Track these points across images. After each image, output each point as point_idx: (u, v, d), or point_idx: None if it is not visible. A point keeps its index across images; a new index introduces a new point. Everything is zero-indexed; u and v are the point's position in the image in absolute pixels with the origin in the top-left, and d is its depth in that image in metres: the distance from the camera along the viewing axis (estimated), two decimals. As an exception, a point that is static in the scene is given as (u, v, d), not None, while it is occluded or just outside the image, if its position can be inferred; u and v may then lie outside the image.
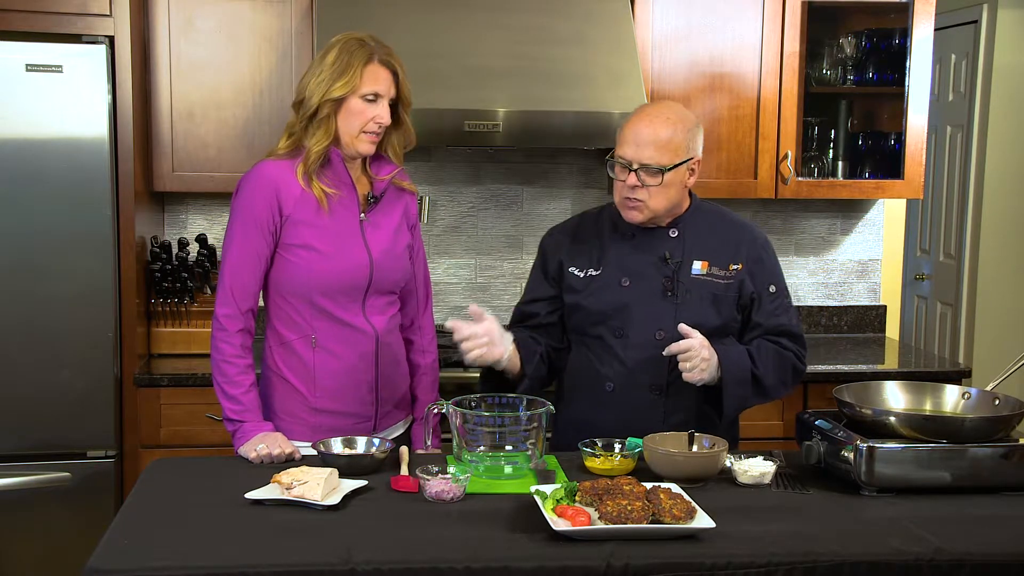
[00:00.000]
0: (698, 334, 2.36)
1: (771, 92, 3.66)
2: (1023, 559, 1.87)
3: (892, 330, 4.18)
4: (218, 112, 3.45)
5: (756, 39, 3.65)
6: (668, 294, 2.46)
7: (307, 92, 2.39)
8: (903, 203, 4.18)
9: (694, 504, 1.95)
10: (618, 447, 2.29)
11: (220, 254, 3.56)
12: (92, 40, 3.14)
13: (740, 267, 2.50)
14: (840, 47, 3.81)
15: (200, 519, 1.96)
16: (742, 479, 2.21)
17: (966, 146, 5.38)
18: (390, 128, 2.46)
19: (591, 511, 1.93)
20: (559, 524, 1.87)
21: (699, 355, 2.35)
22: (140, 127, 3.31)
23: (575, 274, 2.51)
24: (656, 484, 2.04)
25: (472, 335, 2.36)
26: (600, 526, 1.87)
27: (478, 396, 2.31)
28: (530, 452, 2.22)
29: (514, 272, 3.93)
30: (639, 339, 2.45)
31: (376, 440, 2.34)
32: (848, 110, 3.89)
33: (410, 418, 2.66)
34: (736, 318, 2.51)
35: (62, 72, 3.07)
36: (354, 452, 2.31)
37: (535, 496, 1.97)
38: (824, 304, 4.13)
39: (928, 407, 2.39)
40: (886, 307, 4.16)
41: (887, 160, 3.81)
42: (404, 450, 2.35)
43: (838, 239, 4.12)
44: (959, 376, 3.55)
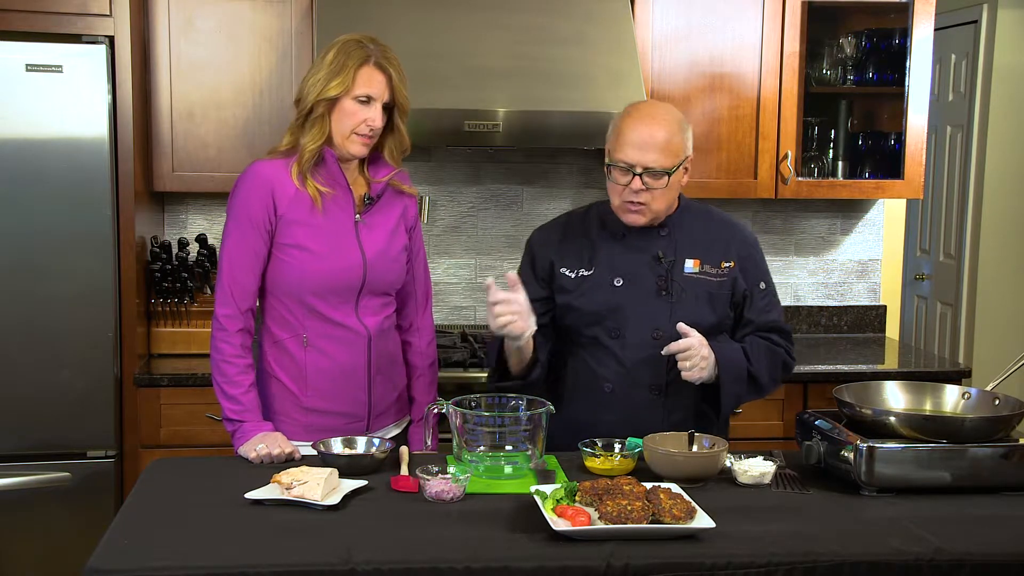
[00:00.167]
0: (696, 333, 2.36)
1: (771, 92, 3.66)
2: (1023, 559, 1.87)
3: (892, 330, 4.18)
4: (218, 112, 3.45)
5: (756, 39, 3.65)
6: (663, 293, 2.46)
7: (304, 90, 2.41)
8: (903, 203, 4.18)
9: (694, 504, 1.95)
10: (618, 447, 2.29)
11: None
12: (92, 40, 3.14)
13: (732, 265, 2.50)
14: (840, 47, 3.81)
15: (200, 519, 1.96)
16: (742, 479, 2.21)
17: (966, 146, 5.39)
18: (385, 132, 2.46)
19: (591, 511, 1.93)
20: (559, 524, 1.87)
21: (699, 354, 2.35)
22: (140, 127, 3.31)
23: (566, 274, 2.50)
24: (656, 484, 2.04)
25: (507, 300, 2.31)
26: (600, 526, 1.87)
27: (478, 396, 2.31)
28: (530, 452, 2.22)
29: (514, 272, 3.92)
30: (636, 339, 2.45)
31: (376, 440, 2.34)
32: (848, 110, 3.89)
33: (407, 419, 2.66)
34: (729, 316, 2.52)
35: (62, 72, 3.07)
36: (354, 452, 2.31)
37: (535, 496, 1.97)
38: (824, 304, 4.13)
39: (928, 407, 2.39)
40: (886, 307, 4.16)
41: (887, 160, 3.81)
42: (404, 450, 2.35)
43: (838, 239, 4.12)
44: (959, 376, 3.55)
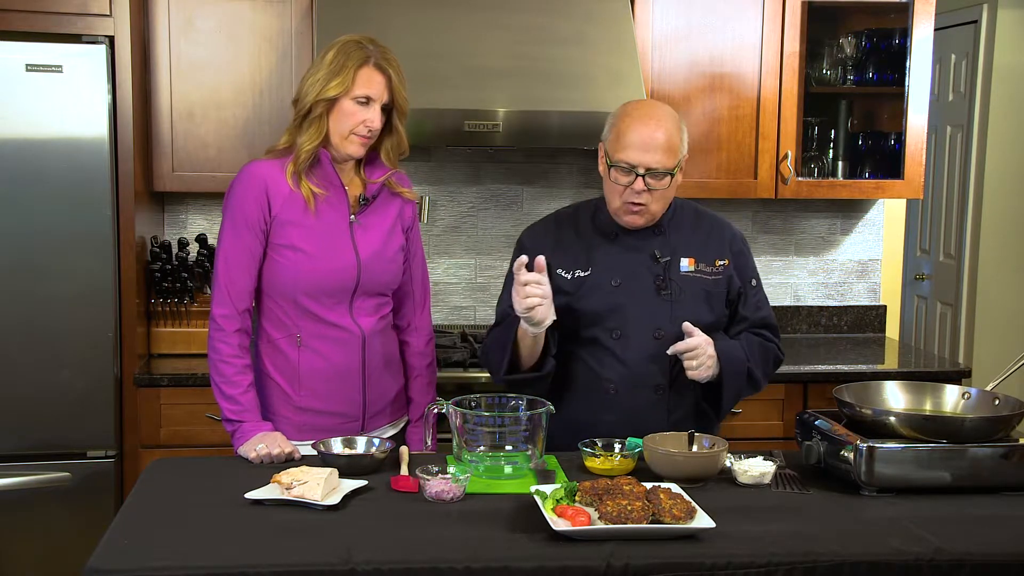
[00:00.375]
0: (701, 332, 2.37)
1: (771, 92, 3.66)
2: (1023, 559, 1.87)
3: (892, 330, 4.18)
4: (218, 112, 3.45)
5: (756, 39, 3.65)
6: (663, 292, 2.46)
7: (303, 90, 2.41)
8: (903, 203, 4.18)
9: (694, 504, 1.95)
10: (618, 447, 2.29)
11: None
12: (92, 40, 3.14)
13: (727, 263, 2.51)
14: (840, 47, 3.81)
15: (200, 519, 1.96)
16: (742, 479, 2.21)
17: (966, 146, 5.39)
18: (383, 134, 2.46)
19: (591, 511, 1.93)
20: (559, 524, 1.87)
21: (705, 353, 2.37)
22: (140, 127, 3.31)
23: (563, 276, 2.48)
24: (656, 484, 2.04)
25: (537, 281, 2.28)
26: (600, 526, 1.87)
27: (478, 396, 2.31)
28: (530, 452, 2.22)
29: (514, 272, 3.92)
30: (638, 340, 2.45)
31: (376, 440, 2.34)
32: (848, 110, 3.89)
33: (404, 419, 2.66)
34: (725, 313, 2.53)
35: (62, 72, 3.06)
36: (354, 452, 2.31)
37: (535, 496, 1.97)
38: (824, 304, 4.13)
39: (928, 407, 2.39)
40: (886, 307, 4.16)
41: (887, 160, 3.81)
42: (404, 450, 2.35)
43: (838, 239, 4.12)
44: (959, 376, 3.55)
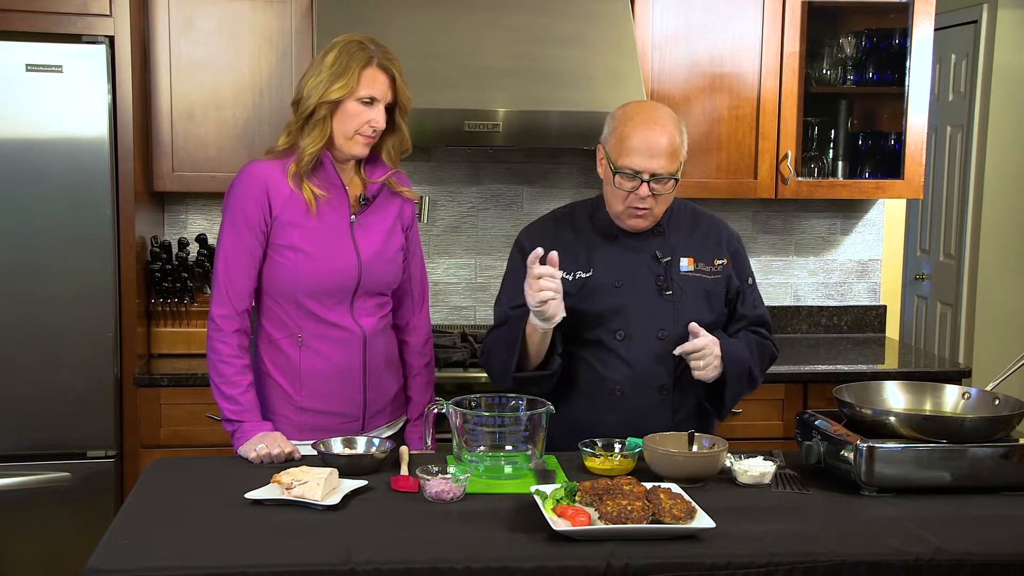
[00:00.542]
0: (706, 332, 2.37)
1: (771, 92, 3.66)
2: (1023, 559, 1.87)
3: (892, 330, 4.18)
4: (218, 112, 3.45)
5: (756, 39, 3.65)
6: (666, 293, 2.46)
7: (304, 92, 2.40)
8: (903, 203, 4.18)
9: (694, 504, 1.95)
10: (618, 447, 2.29)
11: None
12: (92, 40, 3.14)
13: (725, 262, 2.52)
14: (840, 47, 3.81)
15: (200, 519, 1.96)
16: (742, 479, 2.21)
17: (966, 146, 5.39)
18: (386, 133, 2.46)
19: (591, 511, 1.93)
20: (559, 524, 1.87)
21: (712, 353, 2.37)
22: (140, 127, 3.31)
23: (564, 278, 2.45)
24: (656, 484, 2.04)
25: (551, 275, 2.28)
26: (600, 526, 1.87)
27: (478, 396, 2.31)
28: (530, 452, 2.22)
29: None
30: (643, 341, 2.44)
31: (376, 440, 2.34)
32: (848, 110, 3.89)
33: (402, 419, 2.66)
34: (724, 312, 2.53)
35: (62, 72, 3.07)
36: (354, 452, 2.31)
37: (535, 496, 1.97)
38: (824, 304, 4.13)
39: (928, 407, 2.39)
40: (886, 307, 4.16)
41: (887, 160, 3.81)
42: (404, 450, 2.35)
43: (838, 239, 4.12)
44: (959, 376, 3.55)
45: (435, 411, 2.34)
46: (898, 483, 2.14)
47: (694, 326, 2.38)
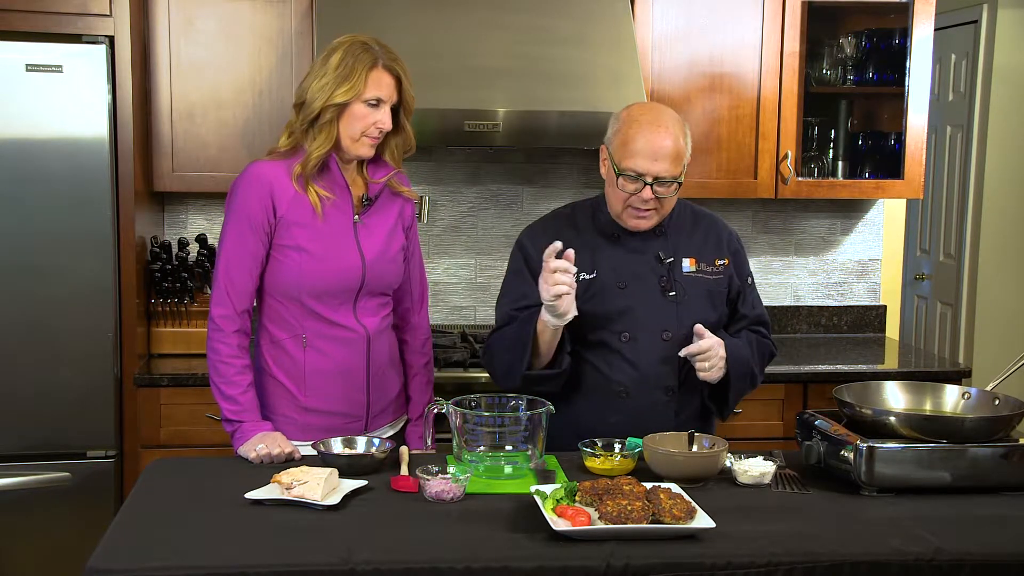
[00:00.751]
0: (711, 334, 2.38)
1: (771, 92, 3.66)
2: (1023, 559, 1.87)
3: (892, 330, 4.18)
4: (218, 112, 3.45)
5: (756, 39, 3.65)
6: (670, 294, 2.46)
7: (309, 95, 2.38)
8: (903, 203, 4.18)
9: (694, 504, 1.95)
10: (618, 447, 2.29)
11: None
12: (92, 40, 3.14)
13: (727, 262, 2.52)
14: (840, 47, 3.81)
15: (200, 519, 1.96)
16: (742, 479, 2.21)
17: (966, 146, 5.38)
18: (390, 132, 2.45)
19: (591, 511, 1.93)
20: (559, 524, 1.87)
21: (717, 354, 2.38)
22: (140, 127, 3.31)
23: None
24: (656, 484, 2.04)
25: (567, 269, 2.27)
26: (600, 526, 1.87)
27: (478, 396, 2.31)
28: (530, 452, 2.22)
29: (514, 272, 3.93)
30: (648, 342, 2.44)
31: (376, 440, 2.34)
32: (848, 110, 3.89)
33: (404, 418, 2.66)
34: (726, 312, 2.54)
35: (62, 72, 3.06)
36: (354, 452, 2.31)
37: (535, 496, 1.97)
38: (824, 304, 4.13)
39: (928, 407, 2.39)
40: (886, 307, 4.16)
41: (887, 160, 3.81)
42: (404, 450, 2.35)
43: (838, 239, 4.12)
44: (959, 376, 3.55)
45: (435, 411, 2.34)
46: (898, 483, 2.14)
47: (699, 328, 2.38)
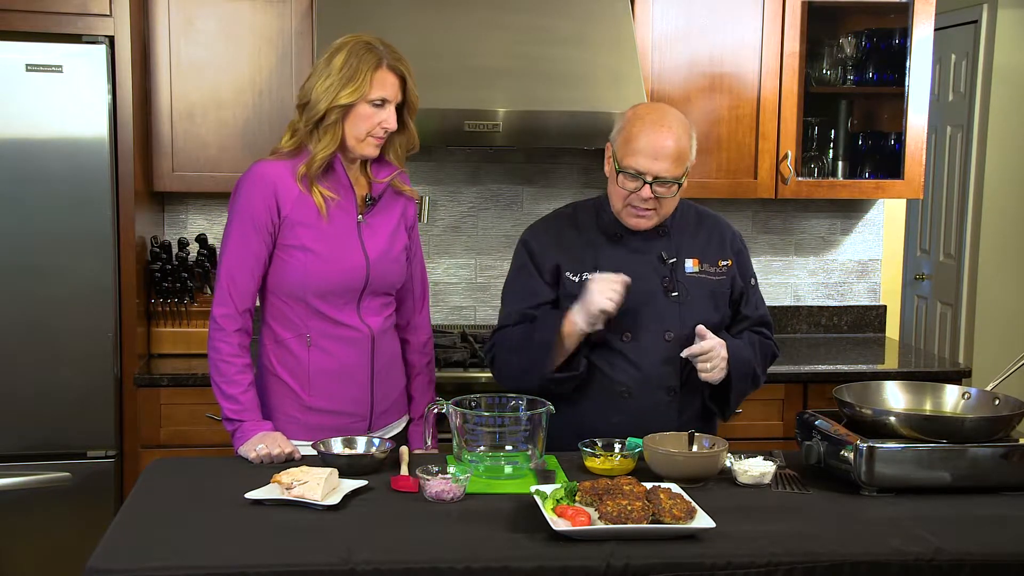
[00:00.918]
0: (712, 335, 2.38)
1: (771, 92, 3.66)
2: (1023, 559, 1.87)
3: (892, 330, 4.18)
4: (218, 112, 3.45)
5: (756, 39, 3.65)
6: (672, 294, 2.46)
7: (313, 96, 2.37)
8: (903, 203, 4.18)
9: (694, 504, 1.95)
10: (618, 447, 2.29)
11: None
12: (92, 40, 3.14)
13: (730, 263, 2.52)
14: (840, 47, 3.81)
15: (200, 519, 1.96)
16: (742, 479, 2.21)
17: (966, 146, 5.39)
18: (394, 132, 2.45)
19: (591, 511, 1.93)
20: (559, 524, 1.87)
21: (719, 355, 2.38)
22: (140, 127, 3.31)
23: (570, 278, 2.48)
24: (656, 484, 2.04)
25: (620, 284, 2.33)
26: (600, 526, 1.87)
27: (478, 396, 2.31)
28: (530, 452, 2.22)
29: (514, 272, 3.93)
30: (650, 342, 2.44)
31: (376, 440, 2.34)
32: (848, 110, 3.89)
33: (406, 418, 2.66)
34: (728, 313, 2.54)
35: (62, 72, 3.06)
36: (354, 452, 2.31)
37: (535, 496, 1.97)
38: (824, 304, 4.13)
39: (928, 407, 2.39)
40: (886, 307, 4.16)
41: (887, 160, 3.81)
42: (404, 450, 2.35)
43: (838, 239, 4.12)
44: (959, 376, 3.55)
45: (435, 411, 2.34)
46: (898, 483, 2.14)
47: (701, 328, 2.38)
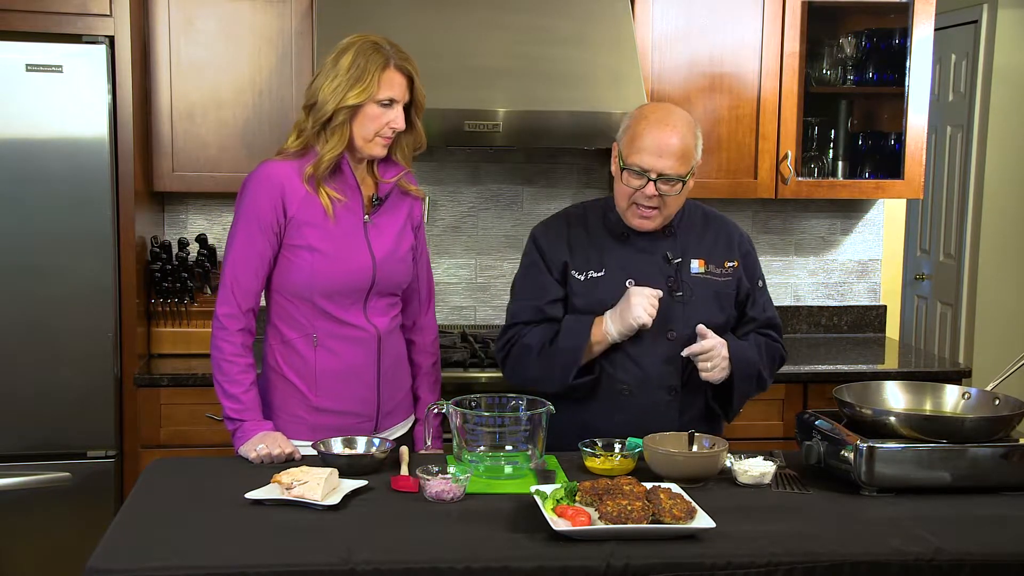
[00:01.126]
0: (714, 334, 2.38)
1: (771, 92, 3.66)
2: (1023, 559, 1.87)
3: (892, 330, 4.18)
4: (218, 112, 3.45)
5: (756, 39, 3.64)
6: (677, 294, 2.46)
7: (321, 97, 2.36)
8: (903, 203, 4.18)
9: (694, 504, 1.95)
10: (618, 447, 2.29)
11: (220, 254, 3.57)
12: (92, 40, 3.14)
13: (736, 264, 2.52)
14: (840, 47, 3.81)
15: (200, 519, 1.96)
16: (742, 479, 2.21)
17: (966, 146, 5.39)
18: (401, 131, 2.45)
19: (591, 511, 1.93)
20: (559, 524, 1.87)
21: (720, 355, 2.38)
22: (140, 127, 3.30)
23: (576, 277, 2.49)
24: (656, 484, 2.04)
25: (657, 299, 2.37)
26: (600, 526, 1.87)
27: (478, 396, 2.31)
28: (530, 452, 2.22)
29: (514, 272, 3.91)
30: (653, 341, 2.44)
31: (376, 440, 2.34)
32: (848, 110, 3.89)
33: (412, 418, 2.66)
34: (734, 314, 2.53)
35: (62, 72, 3.06)
36: (354, 452, 2.31)
37: (535, 496, 1.97)
38: (824, 304, 4.13)
39: (928, 407, 2.39)
40: (886, 307, 4.16)
41: (887, 160, 3.81)
42: (404, 450, 2.35)
43: (838, 239, 4.12)
44: (959, 376, 3.55)
45: (435, 411, 2.35)
46: (898, 483, 2.14)
47: (702, 328, 2.38)
